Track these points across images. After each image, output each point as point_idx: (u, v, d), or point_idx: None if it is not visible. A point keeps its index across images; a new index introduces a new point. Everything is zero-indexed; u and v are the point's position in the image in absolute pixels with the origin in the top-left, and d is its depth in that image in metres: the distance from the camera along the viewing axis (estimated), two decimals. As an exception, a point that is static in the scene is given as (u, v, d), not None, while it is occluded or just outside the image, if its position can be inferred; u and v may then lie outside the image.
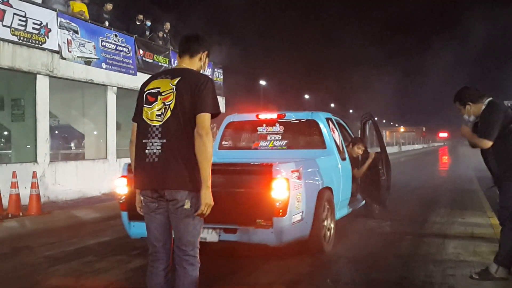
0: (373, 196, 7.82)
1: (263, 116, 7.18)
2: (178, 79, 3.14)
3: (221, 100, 17.61)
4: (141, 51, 13.96)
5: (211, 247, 4.98)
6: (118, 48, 12.91)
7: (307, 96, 62.97)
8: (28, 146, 10.83)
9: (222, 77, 18.66)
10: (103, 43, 12.38)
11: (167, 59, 15.14)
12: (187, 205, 3.05)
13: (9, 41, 9.71)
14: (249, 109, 7.39)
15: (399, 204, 9.81)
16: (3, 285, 4.99)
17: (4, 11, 9.62)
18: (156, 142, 3.09)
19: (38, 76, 10.44)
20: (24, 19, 10.07)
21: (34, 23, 10.31)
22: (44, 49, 10.55)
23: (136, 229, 5.36)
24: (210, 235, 5.00)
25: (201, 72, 3.35)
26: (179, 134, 3.06)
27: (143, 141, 3.14)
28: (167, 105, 3.10)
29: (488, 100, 4.60)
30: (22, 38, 10.00)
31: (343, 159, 6.96)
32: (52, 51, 10.74)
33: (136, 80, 13.10)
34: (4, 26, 9.64)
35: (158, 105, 3.13)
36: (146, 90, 3.23)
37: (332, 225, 6.00)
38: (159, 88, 3.17)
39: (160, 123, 3.10)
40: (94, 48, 12.01)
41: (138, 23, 15.04)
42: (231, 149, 7.30)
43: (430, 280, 4.72)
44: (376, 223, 7.87)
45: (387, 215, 8.26)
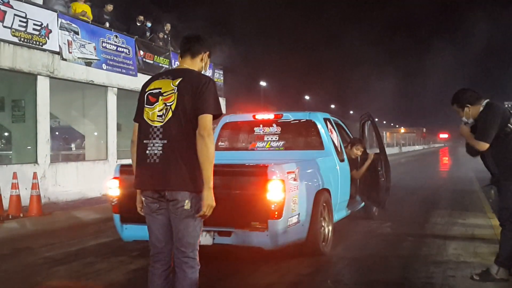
0: (372, 198, 7.69)
1: (260, 116, 7.06)
2: (179, 79, 3.14)
3: (221, 101, 17.60)
4: (141, 52, 13.98)
5: (212, 247, 4.97)
6: (118, 49, 12.93)
7: (307, 97, 63.03)
8: (29, 147, 10.84)
9: (222, 78, 18.68)
10: (104, 44, 12.39)
11: (168, 60, 15.16)
12: (187, 205, 3.05)
13: (9, 42, 9.73)
14: (249, 110, 7.29)
15: (400, 205, 9.82)
16: (4, 285, 4.99)
17: (4, 12, 9.63)
18: (157, 143, 3.09)
19: (39, 77, 10.46)
20: (24, 20, 10.08)
21: (34, 24, 10.31)
22: (44, 50, 10.56)
23: (128, 231, 5.29)
24: (204, 238, 4.88)
25: (202, 72, 3.35)
26: (180, 135, 3.06)
27: (144, 141, 3.14)
28: (168, 105, 3.10)
29: (485, 101, 4.60)
30: (22, 39, 10.01)
31: (342, 160, 6.86)
32: (52, 52, 10.75)
33: (137, 81, 13.11)
34: (4, 27, 9.65)
35: (159, 105, 3.13)
36: (147, 90, 3.23)
37: (330, 227, 5.90)
38: (161, 88, 3.16)
39: (161, 123, 3.10)
40: (95, 49, 12.02)
41: (138, 24, 15.06)
42: (227, 150, 7.17)
43: (431, 281, 4.71)
44: (376, 224, 7.87)
45: (387, 216, 8.26)
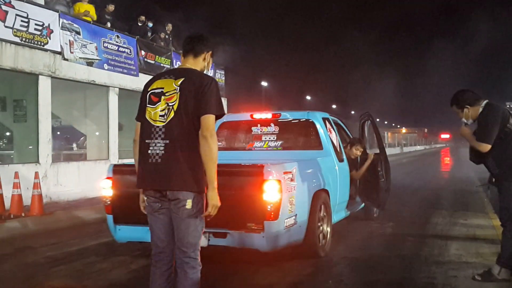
0: (372, 199, 7.56)
1: (258, 116, 6.94)
2: (182, 79, 3.14)
3: (223, 101, 17.60)
4: (143, 52, 13.99)
5: (212, 247, 4.96)
6: (120, 49, 12.94)
7: (308, 97, 62.99)
8: (30, 147, 10.86)
9: (224, 78, 18.69)
10: (105, 44, 12.41)
11: (169, 60, 15.17)
12: (189, 205, 3.05)
13: (11, 42, 9.75)
14: (251, 110, 7.23)
15: (401, 206, 9.81)
16: (5, 285, 5.00)
17: (6, 12, 9.65)
18: (159, 143, 3.09)
19: (40, 77, 10.47)
20: (26, 20, 10.09)
21: (36, 24, 10.33)
22: (46, 50, 10.57)
23: (122, 232, 5.23)
24: None
25: (204, 72, 3.35)
26: (182, 135, 3.06)
27: (146, 141, 3.14)
28: (170, 105, 3.10)
29: (485, 102, 4.60)
30: (24, 39, 10.03)
31: (341, 161, 6.74)
32: (54, 52, 10.77)
33: (138, 81, 13.13)
34: (6, 27, 9.67)
35: (161, 105, 3.13)
36: (149, 90, 3.23)
37: (328, 229, 5.80)
38: (163, 88, 3.16)
39: (163, 123, 3.10)
40: (96, 49, 12.04)
41: (140, 24, 15.08)
42: (224, 150, 7.00)
43: (432, 282, 4.71)
44: (378, 224, 7.86)
45: (389, 217, 8.25)
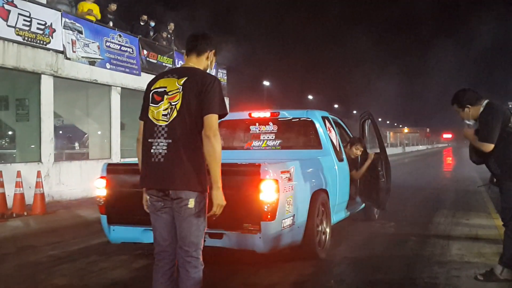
0: (372, 199, 7.45)
1: (256, 114, 6.83)
2: (184, 79, 3.13)
3: (225, 101, 17.62)
4: (145, 52, 14.00)
5: (213, 247, 4.96)
6: (122, 48, 12.95)
7: (310, 96, 62.95)
8: (33, 146, 10.88)
9: (226, 77, 18.68)
10: (107, 44, 12.42)
11: (171, 60, 15.18)
12: (191, 204, 3.05)
13: (13, 41, 9.76)
14: (252, 109, 7.18)
15: (403, 205, 9.80)
16: (7, 284, 5.00)
17: (8, 11, 9.66)
18: (162, 142, 3.09)
19: (43, 76, 10.49)
20: (28, 19, 10.11)
21: (38, 23, 10.34)
22: (48, 49, 10.59)
23: (116, 233, 5.16)
24: None
25: (207, 71, 3.34)
26: (185, 135, 3.06)
27: (149, 140, 3.14)
28: (173, 105, 3.10)
29: (485, 102, 4.59)
30: (26, 38, 10.04)
31: (341, 160, 6.64)
32: (56, 51, 10.78)
33: (140, 81, 13.14)
34: (8, 26, 9.68)
35: (164, 104, 3.13)
36: (152, 89, 3.23)
37: (327, 229, 5.71)
38: (166, 87, 3.16)
39: (166, 123, 3.10)
40: (98, 48, 12.05)
41: (142, 24, 15.09)
42: (222, 149, 6.97)
43: (435, 281, 4.70)
44: (380, 224, 7.85)
45: (391, 216, 8.24)
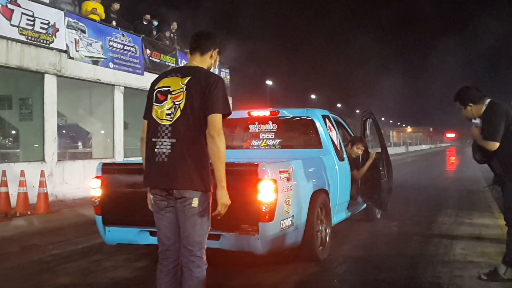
0: (373, 199, 7.27)
1: (255, 113, 6.73)
2: (188, 78, 3.13)
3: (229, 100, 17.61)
4: (148, 51, 14.02)
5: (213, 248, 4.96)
6: (125, 47, 12.97)
7: (313, 96, 62.90)
8: (36, 145, 10.90)
9: (229, 77, 18.70)
10: (111, 43, 12.44)
11: (174, 59, 15.19)
12: (195, 203, 3.05)
13: (17, 40, 9.78)
14: (254, 108, 7.14)
15: (406, 205, 9.78)
16: (11, 283, 5.02)
17: (12, 11, 9.69)
18: (165, 142, 3.09)
19: (46, 75, 10.51)
20: (32, 18, 10.13)
21: (42, 23, 10.37)
22: (52, 48, 10.61)
23: (112, 234, 5.05)
24: None
25: (211, 70, 3.34)
26: (189, 134, 3.06)
27: (153, 139, 3.14)
28: (177, 104, 3.09)
29: (488, 100, 4.57)
30: (30, 38, 10.07)
31: (341, 160, 6.56)
32: (59, 51, 10.81)
33: (143, 80, 13.16)
34: (12, 25, 9.71)
35: (168, 104, 3.12)
36: (156, 88, 3.23)
37: (328, 230, 5.62)
38: (169, 86, 3.16)
39: (170, 122, 3.09)
40: (102, 47, 12.07)
41: (145, 23, 15.11)
42: None
43: (438, 281, 4.70)
44: (383, 223, 7.84)
45: (394, 216, 8.23)
